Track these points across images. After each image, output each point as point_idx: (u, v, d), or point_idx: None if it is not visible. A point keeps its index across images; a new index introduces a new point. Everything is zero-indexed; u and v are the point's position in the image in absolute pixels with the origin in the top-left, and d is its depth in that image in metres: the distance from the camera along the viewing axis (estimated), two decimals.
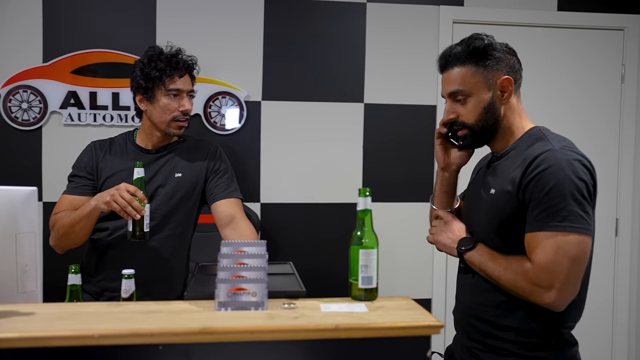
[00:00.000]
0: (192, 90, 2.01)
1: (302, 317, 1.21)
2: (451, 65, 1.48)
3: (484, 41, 1.46)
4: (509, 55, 1.49)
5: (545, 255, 1.30)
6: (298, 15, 2.86)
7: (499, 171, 1.47)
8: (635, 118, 3.07)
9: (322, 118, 2.90)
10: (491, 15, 2.97)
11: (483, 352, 1.48)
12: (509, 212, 1.40)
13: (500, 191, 1.42)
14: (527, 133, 1.48)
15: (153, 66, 1.92)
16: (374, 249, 1.36)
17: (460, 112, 1.48)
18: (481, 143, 1.52)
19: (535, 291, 1.33)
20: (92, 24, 2.73)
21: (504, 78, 1.45)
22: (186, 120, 1.98)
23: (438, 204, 1.65)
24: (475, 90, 1.45)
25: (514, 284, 1.36)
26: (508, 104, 1.47)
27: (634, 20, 3.05)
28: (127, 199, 1.71)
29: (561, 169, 1.32)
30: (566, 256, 1.29)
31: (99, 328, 1.10)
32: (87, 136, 2.47)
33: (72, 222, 1.83)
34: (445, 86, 1.50)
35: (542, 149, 1.37)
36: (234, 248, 1.34)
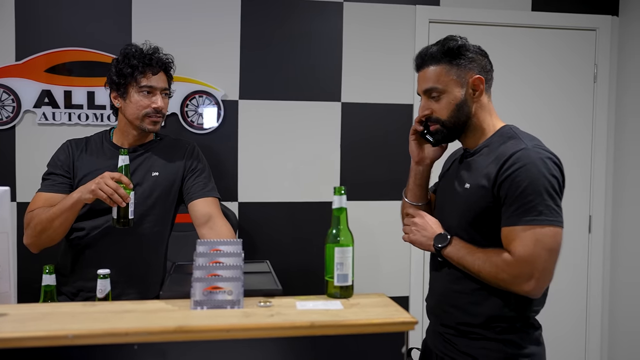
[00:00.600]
0: (166, 88, 1.99)
1: (278, 315, 1.22)
2: (427, 64, 1.56)
3: (458, 42, 1.54)
4: (481, 56, 1.56)
5: (524, 247, 1.38)
6: (275, 14, 2.86)
7: (474, 167, 1.54)
8: (607, 117, 3.14)
9: (299, 117, 2.91)
10: (467, 15, 3.00)
11: (455, 337, 1.56)
12: (483, 206, 1.47)
13: (475, 186, 1.49)
14: (499, 131, 1.55)
15: (127, 63, 1.91)
16: (349, 247, 1.37)
17: (434, 108, 1.55)
18: (452, 138, 1.59)
19: (516, 281, 1.40)
20: (67, 22, 2.70)
21: (476, 77, 1.53)
22: (160, 117, 1.96)
23: (411, 197, 1.72)
24: (449, 87, 1.53)
25: (495, 276, 1.43)
26: (479, 102, 1.55)
27: (606, 21, 3.11)
28: (112, 186, 1.71)
29: (535, 166, 1.40)
30: (544, 248, 1.38)
31: (73, 328, 1.10)
32: (62, 135, 2.44)
33: (52, 217, 1.80)
34: (421, 84, 1.58)
35: (516, 148, 1.44)
36: (209, 247, 1.35)
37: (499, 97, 1.58)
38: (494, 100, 1.62)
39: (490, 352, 1.50)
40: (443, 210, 1.64)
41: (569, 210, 2.46)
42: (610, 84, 3.14)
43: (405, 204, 1.74)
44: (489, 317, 1.50)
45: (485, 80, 1.55)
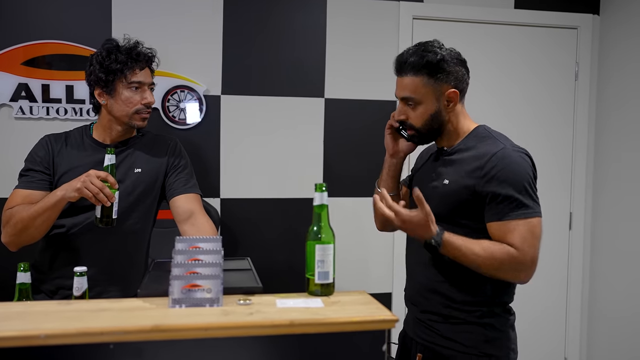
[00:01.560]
0: (152, 83, 1.98)
1: (258, 313, 1.20)
2: (405, 72, 1.61)
3: (437, 55, 1.57)
4: (458, 67, 1.61)
5: (523, 239, 1.48)
6: (258, 9, 2.84)
7: (453, 165, 1.62)
8: (587, 114, 3.16)
9: (282, 113, 2.89)
10: (450, 12, 3.00)
11: (437, 323, 1.63)
12: (460, 199, 1.56)
13: (454, 182, 1.58)
14: (474, 132, 1.65)
15: (113, 59, 1.87)
16: (330, 244, 1.36)
17: (409, 115, 1.63)
18: (427, 141, 1.70)
19: (518, 273, 1.51)
20: (46, 14, 2.65)
21: (451, 91, 1.59)
22: (149, 113, 1.95)
23: (384, 188, 1.79)
24: (425, 99, 1.59)
25: (496, 271, 1.51)
26: (453, 111, 1.63)
27: (587, 19, 3.13)
28: (98, 185, 1.69)
29: (517, 165, 1.52)
30: (536, 238, 1.50)
31: (46, 328, 1.07)
32: (39, 130, 2.38)
33: (34, 215, 1.77)
34: (399, 90, 1.65)
35: (496, 148, 1.55)
36: (188, 244, 1.33)
37: (482, 94, 1.61)
38: (477, 98, 1.64)
39: (472, 336, 1.58)
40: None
41: (550, 207, 2.49)
42: (591, 82, 3.16)
43: (377, 192, 1.79)
44: (470, 302, 1.58)
45: (460, 90, 1.62)
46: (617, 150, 2.99)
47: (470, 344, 1.58)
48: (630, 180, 2.87)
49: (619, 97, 2.99)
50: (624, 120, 2.95)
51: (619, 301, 2.95)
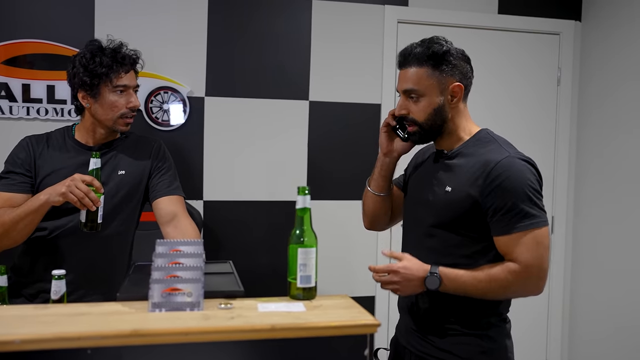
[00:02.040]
0: (137, 85, 1.95)
1: (239, 318, 1.19)
2: (409, 64, 1.56)
3: (443, 47, 1.54)
4: (463, 63, 1.58)
5: (530, 251, 1.44)
6: (243, 10, 2.83)
7: (454, 170, 1.56)
8: (569, 119, 3.20)
9: (266, 115, 2.88)
10: (435, 16, 3.02)
11: (433, 335, 1.58)
12: (464, 208, 1.50)
13: (457, 190, 1.52)
14: (476, 135, 1.59)
15: (98, 62, 1.84)
16: (312, 247, 1.36)
17: (411, 109, 1.56)
18: (428, 140, 1.62)
19: (527, 287, 1.48)
20: (27, 13, 2.61)
21: (456, 84, 1.54)
22: (133, 117, 1.92)
23: (374, 187, 1.74)
24: (429, 91, 1.54)
25: (505, 291, 1.48)
26: (456, 107, 1.57)
27: (569, 26, 3.16)
28: (83, 190, 1.66)
29: (522, 174, 1.47)
30: (545, 248, 1.46)
31: (21, 332, 1.05)
32: (19, 131, 2.34)
33: (16, 219, 1.73)
34: (401, 83, 1.59)
35: (500, 156, 1.49)
36: (169, 247, 1.31)
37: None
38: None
39: (468, 347, 1.54)
40: (416, 208, 1.66)
41: None
42: (573, 87, 3.20)
43: (367, 192, 1.77)
44: (466, 313, 1.54)
45: (465, 87, 1.57)
46: (598, 155, 3.02)
47: (467, 356, 1.54)
48: (610, 186, 2.91)
49: (599, 102, 3.03)
50: (604, 124, 2.98)
51: (601, 303, 2.98)
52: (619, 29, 2.90)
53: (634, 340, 2.73)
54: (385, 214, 1.79)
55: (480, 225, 1.50)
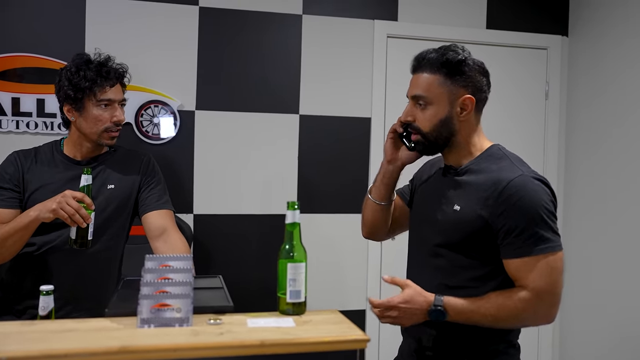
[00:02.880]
0: (123, 99, 1.95)
1: (228, 333, 1.19)
2: (422, 69, 1.50)
3: (459, 56, 1.47)
4: (479, 75, 1.51)
5: (543, 277, 1.36)
6: (233, 25, 2.84)
7: (464, 188, 1.48)
8: (557, 133, 3.23)
9: (257, 129, 2.89)
10: (424, 31, 3.05)
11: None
12: (473, 230, 1.43)
13: (467, 210, 1.44)
14: (487, 151, 1.51)
15: (82, 75, 1.84)
16: (302, 262, 1.35)
17: (417, 116, 1.50)
18: (432, 152, 1.54)
19: (540, 315, 1.40)
20: (16, 27, 2.61)
21: (467, 97, 1.47)
22: (118, 131, 1.92)
23: (375, 195, 1.66)
24: (437, 100, 1.47)
25: (515, 319, 1.40)
26: (466, 121, 1.50)
27: (556, 40, 3.21)
28: (74, 206, 1.65)
29: (537, 194, 1.39)
30: (559, 273, 1.38)
31: (6, 350, 1.04)
32: (9, 144, 2.35)
33: (5, 236, 1.72)
34: (411, 88, 1.52)
35: (512, 175, 1.41)
36: (158, 262, 1.31)
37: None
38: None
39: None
40: (422, 226, 1.59)
41: None
42: (561, 102, 3.23)
43: (367, 200, 1.70)
44: (472, 339, 1.46)
45: (477, 100, 1.50)
46: (586, 168, 3.05)
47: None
48: (598, 196, 2.93)
49: (586, 115, 3.06)
50: (591, 136, 3.02)
51: (591, 311, 3.00)
52: (605, 44, 2.95)
53: (627, 347, 2.74)
54: (384, 223, 1.72)
55: (489, 247, 1.43)
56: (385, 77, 3.01)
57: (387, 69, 3.02)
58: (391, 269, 3.04)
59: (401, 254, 3.02)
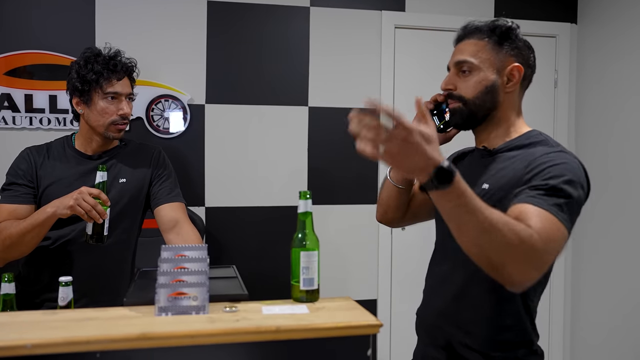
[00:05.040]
0: (131, 93, 1.97)
1: (243, 320, 1.21)
2: (468, 36, 1.42)
3: (508, 24, 1.40)
4: (527, 50, 1.42)
5: (550, 236, 1.15)
6: (242, 18, 2.86)
7: (495, 167, 1.36)
8: (567, 121, 3.22)
9: (266, 121, 2.91)
10: (431, 21, 3.05)
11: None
12: (504, 208, 1.22)
13: (496, 188, 1.32)
14: (526, 135, 1.40)
15: (90, 68, 1.86)
16: (315, 250, 1.37)
17: (459, 85, 1.39)
18: (469, 125, 1.42)
19: (528, 262, 1.12)
20: (28, 24, 2.64)
21: (515, 65, 1.38)
22: (125, 124, 1.94)
23: (394, 176, 1.57)
24: (484, 66, 1.37)
25: (507, 246, 1.10)
26: (511, 94, 1.40)
27: (565, 28, 3.20)
28: (91, 203, 1.67)
29: (576, 169, 1.26)
30: (558, 249, 1.19)
31: (32, 337, 1.07)
32: (23, 141, 2.37)
33: (23, 232, 1.74)
34: (456, 54, 1.42)
35: (550, 149, 1.31)
36: (174, 252, 1.33)
37: None
38: None
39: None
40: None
41: None
42: (570, 89, 3.22)
43: (386, 181, 1.61)
44: (489, 340, 1.35)
45: (525, 74, 1.39)
46: (596, 156, 3.04)
47: None
48: (609, 187, 2.93)
49: (597, 104, 3.06)
50: (602, 126, 3.01)
51: (602, 307, 3.00)
52: (615, 31, 2.93)
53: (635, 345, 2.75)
54: (397, 208, 1.62)
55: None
56: (393, 67, 3.02)
57: (395, 60, 3.03)
58: (402, 259, 3.06)
59: (412, 245, 3.05)
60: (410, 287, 2.93)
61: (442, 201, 1.09)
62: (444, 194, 1.06)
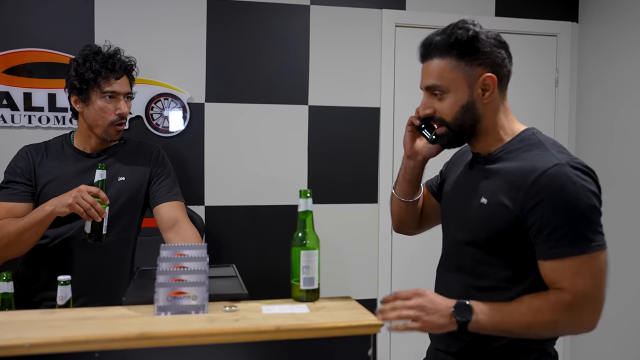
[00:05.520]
0: (130, 92, 1.95)
1: (243, 320, 1.20)
2: (431, 55, 1.34)
3: (469, 32, 1.30)
4: (496, 49, 1.33)
5: (585, 280, 1.20)
6: (241, 17, 2.85)
7: (491, 178, 1.34)
8: (568, 120, 3.22)
9: (266, 120, 2.90)
10: (432, 20, 3.04)
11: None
12: (501, 227, 1.29)
13: (494, 203, 1.30)
14: (520, 136, 1.36)
15: (88, 67, 1.85)
16: (315, 250, 1.37)
17: (437, 107, 1.35)
18: (459, 143, 1.40)
19: (579, 321, 1.23)
20: (27, 22, 2.63)
21: (487, 76, 1.31)
22: (124, 124, 1.93)
23: (399, 192, 1.56)
24: (454, 86, 1.31)
25: (553, 325, 1.23)
26: (490, 103, 1.34)
27: (566, 27, 3.19)
28: (90, 201, 1.67)
29: (575, 187, 1.22)
30: (603, 276, 1.22)
31: (30, 337, 1.06)
32: (21, 139, 2.36)
33: (21, 230, 1.74)
34: (423, 78, 1.37)
35: (547, 164, 1.25)
36: (173, 251, 1.32)
37: None
38: None
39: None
40: (449, 220, 1.48)
41: None
42: (571, 88, 3.22)
43: (392, 197, 1.59)
44: (501, 347, 1.32)
45: (499, 77, 1.33)
46: (597, 155, 3.03)
47: None
48: (610, 187, 2.92)
49: (598, 103, 3.05)
50: (603, 125, 3.00)
51: None
52: (616, 30, 2.92)
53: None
54: (412, 219, 1.61)
55: (521, 245, 1.28)
56: (393, 66, 3.01)
57: (395, 59, 3.02)
58: (402, 258, 3.05)
59: (412, 244, 3.04)
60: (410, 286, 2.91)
61: (475, 326, 1.23)
62: (473, 324, 1.23)
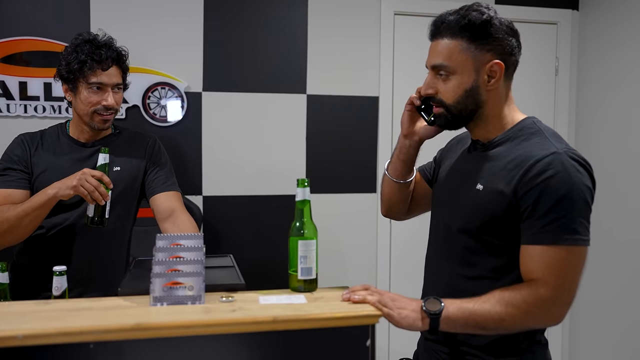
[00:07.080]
0: (119, 83, 1.91)
1: (240, 310, 1.19)
2: (441, 34, 1.32)
3: (483, 16, 1.28)
4: (507, 37, 1.31)
5: (560, 272, 1.21)
6: (239, 5, 2.82)
7: (488, 165, 1.34)
8: (568, 109, 3.20)
9: (264, 109, 2.88)
10: (432, 8, 2.98)
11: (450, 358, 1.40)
12: (495, 213, 1.28)
13: (489, 189, 1.30)
14: (519, 125, 1.35)
15: (74, 57, 1.82)
16: (313, 239, 1.35)
17: (439, 88, 1.33)
18: (456, 126, 1.37)
19: (551, 313, 1.23)
20: (23, 10, 2.60)
21: (495, 62, 1.29)
22: (111, 115, 1.89)
23: (392, 171, 1.54)
24: (461, 69, 1.30)
25: (524, 317, 1.22)
26: (494, 90, 1.33)
27: (566, 15, 3.16)
28: (94, 184, 1.66)
29: (569, 176, 1.21)
30: (578, 272, 1.23)
31: (23, 328, 1.05)
32: (17, 128, 2.34)
33: (21, 214, 1.72)
34: (431, 57, 1.35)
35: (545, 151, 1.24)
36: (169, 241, 1.31)
37: None
38: None
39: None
40: (442, 206, 1.46)
41: None
42: (571, 77, 3.20)
43: (384, 177, 1.57)
44: (489, 337, 1.31)
45: (507, 65, 1.31)
46: (597, 144, 3.02)
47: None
48: (610, 176, 2.91)
49: (598, 91, 3.03)
50: (603, 114, 2.98)
51: (601, 307, 2.99)
52: (616, 18, 2.90)
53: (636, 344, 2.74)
54: (401, 202, 1.59)
55: (508, 231, 1.27)
56: (392, 55, 2.99)
57: (394, 47, 2.99)
58: (401, 248, 3.05)
59: (410, 233, 3.03)
60: (409, 276, 2.92)
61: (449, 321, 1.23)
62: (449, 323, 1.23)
